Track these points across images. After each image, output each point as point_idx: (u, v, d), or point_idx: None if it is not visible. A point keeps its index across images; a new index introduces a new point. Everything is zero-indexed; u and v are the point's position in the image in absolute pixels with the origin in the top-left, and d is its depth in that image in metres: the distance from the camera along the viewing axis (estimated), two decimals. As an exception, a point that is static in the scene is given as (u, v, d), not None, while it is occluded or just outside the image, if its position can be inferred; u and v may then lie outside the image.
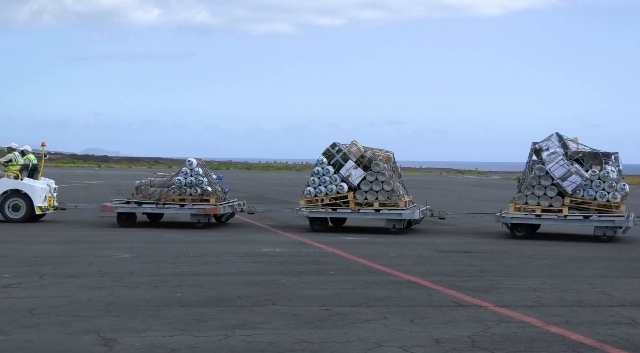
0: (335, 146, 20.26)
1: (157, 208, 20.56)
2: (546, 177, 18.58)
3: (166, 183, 20.80)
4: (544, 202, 18.61)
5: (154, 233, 18.66)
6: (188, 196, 20.46)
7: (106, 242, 16.55)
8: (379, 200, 19.58)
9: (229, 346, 7.59)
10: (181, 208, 20.40)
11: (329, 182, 19.76)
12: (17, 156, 21.36)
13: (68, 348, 7.35)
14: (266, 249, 15.78)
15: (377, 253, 15.49)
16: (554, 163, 18.57)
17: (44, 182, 21.55)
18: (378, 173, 19.58)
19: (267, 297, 10.29)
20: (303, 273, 12.51)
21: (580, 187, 18.46)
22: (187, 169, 20.64)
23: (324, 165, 19.99)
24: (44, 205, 21.12)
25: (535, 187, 18.67)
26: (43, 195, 21.11)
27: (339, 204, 19.68)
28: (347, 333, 8.22)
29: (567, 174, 18.41)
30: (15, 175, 21.00)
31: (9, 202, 20.82)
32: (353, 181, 19.68)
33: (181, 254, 14.72)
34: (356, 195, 19.64)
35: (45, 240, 16.88)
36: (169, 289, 10.73)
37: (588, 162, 18.89)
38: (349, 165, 19.78)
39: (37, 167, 21.70)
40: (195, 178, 20.47)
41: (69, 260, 13.62)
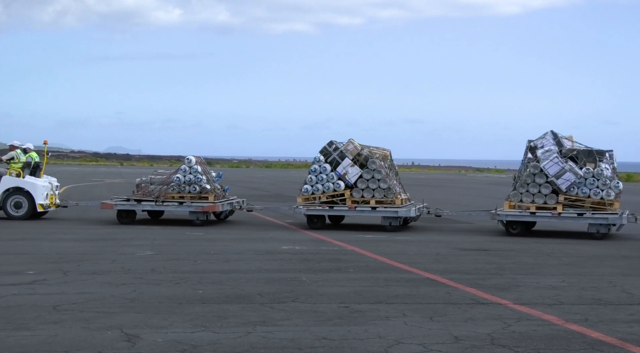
0: (332, 144, 20.33)
1: (156, 206, 20.72)
2: (540, 174, 18.66)
3: (165, 181, 20.93)
4: (538, 199, 18.70)
5: (175, 231, 18.74)
6: (187, 194, 20.62)
7: (128, 240, 16.64)
8: (376, 197, 19.68)
9: (249, 342, 7.61)
10: (180, 205, 20.55)
11: (326, 180, 19.84)
12: (19, 154, 21.58)
13: (92, 344, 7.40)
14: (286, 247, 15.80)
15: (396, 251, 15.47)
16: (548, 161, 18.67)
17: (46, 180, 21.71)
18: (374, 171, 19.69)
19: (287, 294, 10.30)
20: (323, 271, 12.52)
21: (575, 185, 18.55)
22: (186, 167, 20.79)
23: (321, 163, 20.07)
24: (46, 202, 21.31)
25: (529, 185, 18.74)
26: (44, 192, 21.27)
27: (336, 202, 19.77)
28: (366, 330, 8.21)
29: (561, 172, 18.51)
30: (17, 173, 21.21)
31: (11, 199, 20.97)
32: (350, 179, 19.79)
33: (202, 252, 14.77)
34: (353, 192, 19.74)
35: (68, 237, 17.00)
36: (190, 286, 10.78)
37: (582, 159, 18.98)
38: (345, 163, 19.89)
39: (39, 165, 21.91)
40: (194, 176, 20.61)
41: (92, 257, 13.71)
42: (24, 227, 19.12)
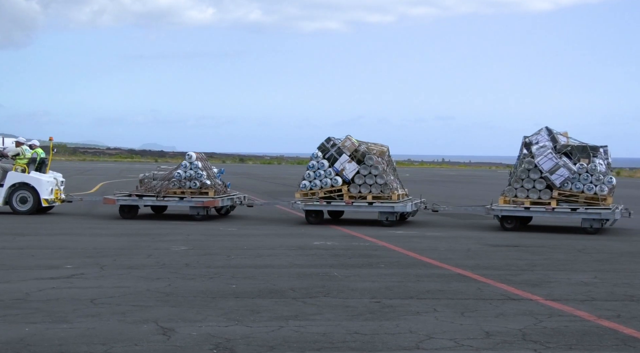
0: (330, 141, 20.47)
1: (157, 201, 20.93)
2: (535, 170, 18.74)
3: (167, 176, 21.19)
4: (532, 194, 18.78)
5: (208, 227, 18.85)
6: (187, 189, 20.81)
7: (163, 235, 16.76)
8: (372, 193, 19.79)
9: (282, 336, 7.63)
10: (180, 200, 20.75)
11: (324, 176, 19.96)
12: (24, 150, 21.87)
13: (128, 337, 7.48)
14: (318, 242, 15.82)
15: (427, 247, 15.41)
16: (543, 156, 18.73)
17: (51, 175, 22.01)
18: (371, 166, 19.80)
19: (319, 289, 10.32)
20: (354, 266, 12.51)
21: (568, 180, 18.59)
22: (186, 163, 21.05)
23: (319, 159, 20.20)
24: (51, 197, 21.60)
25: (524, 180, 18.85)
26: (49, 187, 21.55)
27: (334, 197, 19.88)
28: (398, 325, 8.20)
29: (555, 167, 18.57)
30: (22, 168, 21.48)
31: (17, 194, 21.25)
32: (347, 175, 19.91)
33: (235, 247, 14.84)
34: (350, 188, 19.86)
35: (105, 232, 17.18)
36: (223, 281, 10.83)
37: (576, 155, 19.08)
38: (343, 159, 20.00)
39: (44, 161, 22.16)
40: (194, 172, 20.83)
41: (127, 252, 13.83)
42: (62, 223, 19.36)
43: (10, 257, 12.93)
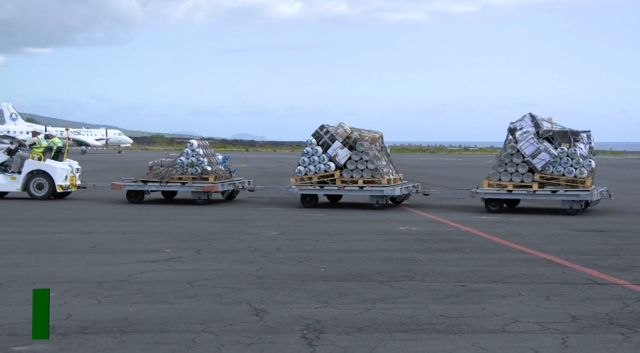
0: (324, 128, 20.85)
1: (161, 186, 21.47)
2: (517, 155, 19.05)
3: (171, 163, 21.71)
4: (515, 178, 19.09)
5: (297, 213, 19.00)
6: (189, 175, 21.35)
7: (254, 220, 16.99)
8: (364, 177, 20.15)
9: (370, 318, 7.63)
10: (182, 186, 21.33)
11: (317, 162, 20.36)
12: (40, 140, 22.62)
13: (224, 318, 7.62)
14: (402, 228, 15.74)
15: (511, 232, 15.13)
16: (525, 141, 19.00)
17: (67, 163, 22.65)
18: (362, 152, 20.17)
19: (404, 272, 10.27)
20: (439, 251, 12.40)
21: (550, 164, 18.87)
22: (188, 150, 21.60)
23: (313, 145, 20.58)
24: (65, 183, 22.23)
25: (507, 164, 19.17)
26: (64, 174, 22.17)
27: (327, 182, 20.27)
28: (483, 309, 8.09)
29: (537, 152, 18.84)
30: (39, 156, 22.15)
31: (34, 181, 21.96)
32: (340, 160, 20.30)
33: (323, 232, 14.92)
34: (342, 173, 20.24)
35: (199, 218, 17.53)
36: (312, 264, 10.91)
37: (557, 140, 19.35)
38: (335, 146, 20.37)
39: (61, 150, 22.87)
40: (195, 159, 21.35)
41: (221, 236, 14.08)
42: (160, 209, 19.86)
43: (114, 241, 13.36)
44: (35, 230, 14.85)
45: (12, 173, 22.12)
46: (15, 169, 22.17)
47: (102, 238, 13.74)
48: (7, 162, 22.32)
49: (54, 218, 17.34)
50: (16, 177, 22.01)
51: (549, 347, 6.69)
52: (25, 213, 18.17)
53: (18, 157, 22.39)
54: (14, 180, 21.98)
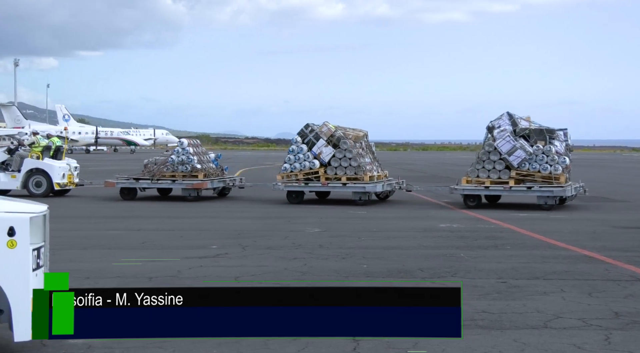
0: (309, 127, 21.13)
1: (152, 184, 21.94)
2: (495, 152, 19.32)
3: (163, 161, 22.19)
4: (493, 174, 19.31)
5: (340, 210, 18.99)
6: (179, 172, 21.78)
7: (297, 218, 17.03)
8: (347, 174, 20.42)
9: (412, 314, 7.58)
10: (172, 183, 21.79)
11: (303, 159, 20.61)
12: (39, 140, 23.10)
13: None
14: (444, 225, 15.64)
15: (552, 228, 14.92)
16: (501, 139, 19.31)
17: (65, 162, 23.01)
18: (345, 150, 20.43)
19: (446, 269, 10.20)
20: (480, 248, 12.29)
21: (525, 161, 19.09)
22: (179, 149, 22.23)
23: (298, 144, 20.88)
24: (63, 181, 22.56)
25: (485, 161, 19.40)
26: (61, 173, 22.50)
27: (312, 179, 20.51)
28: (525, 305, 7.99)
29: (513, 149, 19.15)
30: (37, 156, 22.55)
31: (33, 179, 22.32)
32: (324, 158, 20.56)
33: (365, 229, 14.89)
34: (327, 170, 20.52)
35: (244, 215, 17.63)
36: (355, 261, 10.90)
37: (533, 138, 19.60)
38: (320, 144, 20.64)
39: (60, 149, 23.23)
40: (185, 157, 21.85)
41: (266, 233, 14.14)
42: (207, 206, 20.03)
43: (162, 237, 13.52)
44: (88, 227, 15.10)
45: (12, 171, 22.60)
46: (15, 167, 22.64)
47: (151, 235, 13.91)
48: (8, 160, 22.84)
49: (105, 215, 17.61)
50: (16, 176, 22.47)
51: (592, 343, 6.59)
52: (79, 211, 18.48)
53: (17, 156, 22.88)
54: (14, 179, 22.44)
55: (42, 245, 5.94)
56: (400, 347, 6.45)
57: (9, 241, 5.64)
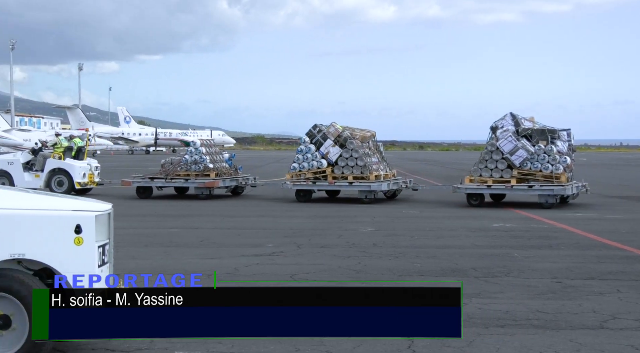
0: (317, 127, 21.46)
1: (166, 183, 22.40)
2: (497, 152, 19.46)
3: (178, 161, 22.81)
4: (495, 174, 19.45)
5: (393, 209, 18.91)
6: (192, 171, 22.35)
7: (351, 217, 17.02)
8: (353, 173, 20.70)
9: (466, 313, 7.50)
10: (186, 182, 22.35)
11: (311, 159, 21.03)
12: (61, 140, 23.74)
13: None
14: (497, 224, 15.43)
15: (607, 229, 14.59)
16: (504, 139, 19.44)
17: (86, 162, 23.56)
18: (352, 150, 20.72)
19: (500, 268, 10.07)
20: (534, 247, 12.09)
21: (527, 160, 19.20)
22: (192, 149, 22.89)
23: (307, 144, 21.30)
24: (84, 181, 23.07)
25: (487, 161, 19.56)
26: (82, 172, 23.03)
27: (319, 178, 20.89)
28: (580, 305, 7.83)
29: (515, 149, 19.25)
30: (59, 156, 23.18)
31: (55, 178, 22.89)
32: (331, 158, 20.92)
33: (418, 228, 14.80)
34: (334, 169, 20.87)
35: (299, 215, 17.69)
36: (408, 260, 10.84)
37: (535, 138, 19.72)
38: (327, 144, 21.01)
39: (82, 149, 23.87)
40: (198, 157, 22.48)
41: (320, 232, 14.17)
42: (262, 206, 20.16)
43: (220, 236, 13.66)
44: (150, 225, 15.35)
45: (36, 171, 23.24)
46: (38, 167, 23.27)
47: (209, 233, 14.07)
48: (32, 161, 23.52)
49: (165, 214, 17.88)
50: (39, 175, 23.06)
51: (650, 344, 6.41)
52: (140, 210, 18.81)
53: (41, 156, 23.51)
54: (37, 178, 23.02)
55: (107, 242, 6.06)
56: (456, 346, 6.39)
57: (76, 238, 5.77)
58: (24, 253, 5.67)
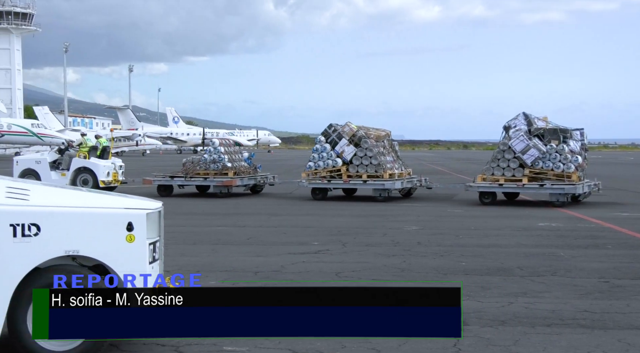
0: (332, 127, 21.74)
1: (186, 181, 22.78)
2: (509, 151, 19.49)
3: (198, 160, 23.20)
4: (507, 172, 19.49)
5: (437, 208, 18.78)
6: (211, 170, 22.69)
7: (395, 216, 16.95)
8: (368, 172, 20.91)
9: (512, 312, 7.43)
10: (204, 180, 22.68)
11: (326, 158, 21.29)
12: (86, 140, 24.53)
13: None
14: (542, 223, 15.21)
15: (656, 228, 14.24)
16: (516, 139, 19.46)
17: (110, 161, 23.91)
18: (366, 149, 20.93)
19: (545, 268, 9.92)
20: (580, 247, 11.88)
21: (539, 159, 19.24)
22: (211, 148, 23.28)
23: (322, 143, 21.56)
24: (108, 179, 23.38)
25: (500, 160, 19.60)
26: (106, 171, 23.40)
27: (334, 176, 21.14)
28: (629, 305, 7.67)
29: (527, 148, 19.30)
30: (84, 155, 23.68)
31: (80, 177, 23.30)
32: (346, 156, 21.15)
33: (462, 227, 14.66)
34: (349, 168, 21.09)
35: (343, 213, 17.68)
36: (453, 258, 10.75)
37: (547, 137, 19.74)
38: (342, 143, 21.26)
39: (106, 149, 24.26)
40: (217, 156, 22.81)
41: (365, 231, 14.14)
42: (308, 204, 20.20)
43: (266, 234, 13.74)
44: (198, 223, 15.52)
45: (62, 170, 23.75)
46: (65, 166, 23.80)
47: (256, 231, 14.16)
48: (59, 160, 24.07)
49: (213, 212, 18.06)
50: (65, 173, 23.53)
51: (701, 346, 6.25)
52: (189, 208, 19.03)
53: (67, 155, 24.04)
54: (63, 176, 23.47)
55: (158, 239, 6.14)
56: (501, 345, 6.32)
57: (127, 235, 5.86)
58: (79, 250, 5.77)
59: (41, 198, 5.92)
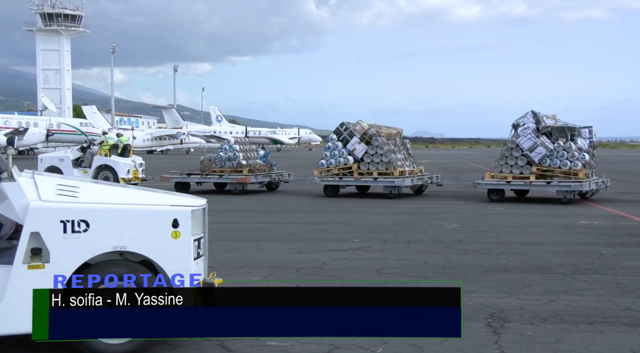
0: (343, 125, 21.96)
1: (202, 178, 23.04)
2: (517, 148, 19.56)
3: (214, 158, 23.52)
4: (515, 170, 19.60)
5: (478, 206, 18.62)
6: (226, 168, 23.00)
7: (436, 213, 16.85)
8: (378, 169, 21.16)
9: (554, 309, 7.33)
10: (220, 177, 22.94)
11: (338, 156, 21.54)
12: (107, 139, 24.59)
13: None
14: (584, 221, 14.96)
15: (701, 226, 13.90)
16: (524, 136, 19.53)
17: (131, 159, 24.25)
18: (377, 147, 21.15)
19: (587, 266, 9.76)
20: (622, 245, 11.66)
21: (546, 157, 19.31)
22: (226, 146, 23.50)
23: (334, 141, 21.77)
24: (128, 176, 23.62)
25: (508, 157, 19.71)
26: (127, 168, 23.72)
27: (346, 174, 21.37)
28: (673, 304, 7.50)
29: (534, 146, 19.38)
30: (105, 153, 24.01)
31: (101, 174, 23.61)
32: (357, 154, 21.37)
33: (503, 225, 14.51)
34: (360, 165, 21.32)
35: (384, 211, 17.64)
36: (494, 256, 10.65)
37: (555, 135, 19.77)
38: (354, 141, 21.46)
39: (127, 147, 24.53)
40: (232, 154, 23.12)
41: (406, 228, 14.09)
42: (347, 202, 20.21)
43: (308, 231, 13.78)
44: (241, 220, 15.63)
45: (84, 167, 24.14)
46: (87, 164, 24.21)
47: (297, 228, 14.21)
48: (81, 157, 24.47)
49: (255, 209, 18.17)
50: (87, 171, 23.89)
51: None
52: (231, 205, 19.18)
53: (89, 153, 24.44)
54: (85, 174, 23.78)
55: (202, 236, 6.21)
56: (543, 342, 6.24)
57: (173, 232, 5.93)
58: (126, 246, 5.86)
59: (90, 195, 6.03)
